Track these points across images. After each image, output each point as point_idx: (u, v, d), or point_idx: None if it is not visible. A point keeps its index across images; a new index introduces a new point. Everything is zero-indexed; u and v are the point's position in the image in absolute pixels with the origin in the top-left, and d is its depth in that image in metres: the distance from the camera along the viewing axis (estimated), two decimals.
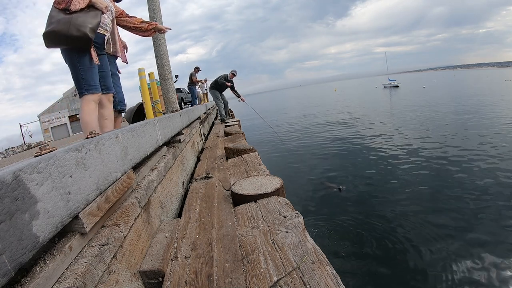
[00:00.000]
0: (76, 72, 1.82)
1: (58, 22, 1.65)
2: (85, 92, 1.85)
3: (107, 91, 2.11)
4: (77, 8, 1.70)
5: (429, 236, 3.46)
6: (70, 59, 1.81)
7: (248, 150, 3.00)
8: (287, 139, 11.23)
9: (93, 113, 1.90)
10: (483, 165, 5.77)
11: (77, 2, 1.71)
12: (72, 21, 1.67)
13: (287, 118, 19.66)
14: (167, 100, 3.77)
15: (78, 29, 1.68)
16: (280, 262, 1.04)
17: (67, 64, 1.85)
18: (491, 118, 10.86)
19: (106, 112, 2.14)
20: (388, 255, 3.19)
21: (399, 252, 3.21)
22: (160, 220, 1.65)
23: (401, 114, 15.01)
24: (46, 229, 0.73)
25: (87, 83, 1.83)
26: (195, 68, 10.20)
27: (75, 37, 1.68)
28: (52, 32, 1.64)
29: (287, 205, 1.50)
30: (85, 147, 1.00)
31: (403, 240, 3.42)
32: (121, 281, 1.02)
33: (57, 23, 1.65)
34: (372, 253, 3.26)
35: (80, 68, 1.81)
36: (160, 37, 3.53)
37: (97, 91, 1.90)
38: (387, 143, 8.67)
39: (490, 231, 3.41)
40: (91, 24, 1.74)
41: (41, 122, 22.31)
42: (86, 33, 1.71)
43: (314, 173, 6.59)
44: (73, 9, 1.69)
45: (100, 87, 1.94)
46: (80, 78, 1.82)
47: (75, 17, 1.69)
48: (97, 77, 1.91)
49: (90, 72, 1.84)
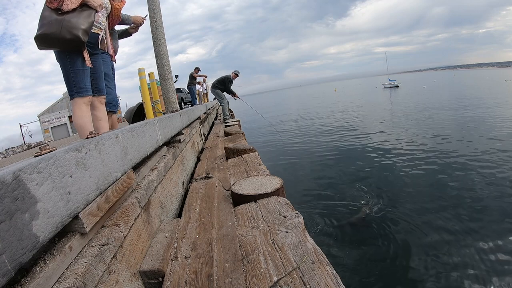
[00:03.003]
0: (67, 74, 1.78)
1: (49, 24, 1.59)
2: (76, 95, 1.82)
3: (98, 93, 2.08)
4: (70, 8, 1.63)
5: (430, 236, 3.46)
6: (61, 61, 1.77)
7: (248, 150, 3.00)
8: (287, 139, 11.23)
9: (86, 116, 1.87)
10: (487, 164, 5.77)
11: (69, 1, 1.64)
12: (64, 23, 1.61)
13: (287, 118, 19.66)
14: (167, 100, 3.76)
15: (70, 31, 1.62)
16: (280, 262, 1.04)
17: (59, 64, 1.81)
18: (492, 118, 10.86)
19: (99, 113, 2.10)
20: (389, 255, 3.19)
21: (399, 252, 3.21)
22: (160, 220, 1.65)
23: (401, 114, 15.00)
24: (46, 229, 0.73)
25: (77, 85, 1.80)
26: (195, 68, 10.31)
27: (67, 40, 1.63)
28: (44, 35, 1.59)
29: (287, 205, 1.50)
30: (85, 147, 1.00)
31: (403, 240, 3.42)
32: (121, 281, 1.02)
33: (48, 25, 1.59)
34: (372, 253, 3.26)
35: (71, 70, 1.77)
36: (160, 37, 3.53)
37: (87, 93, 1.87)
38: (387, 143, 8.66)
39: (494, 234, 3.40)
40: (83, 25, 1.68)
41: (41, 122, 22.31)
42: (79, 36, 1.65)
43: (314, 173, 6.59)
44: (65, 9, 1.62)
45: (91, 90, 1.90)
46: (70, 80, 1.78)
47: (67, 19, 1.63)
48: (88, 79, 1.87)
49: (81, 74, 1.80)
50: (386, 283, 2.79)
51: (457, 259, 2.98)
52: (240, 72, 7.50)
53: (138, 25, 2.56)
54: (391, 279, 2.84)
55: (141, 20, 2.54)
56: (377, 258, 3.16)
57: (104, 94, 2.15)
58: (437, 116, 12.97)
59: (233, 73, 7.44)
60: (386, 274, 2.90)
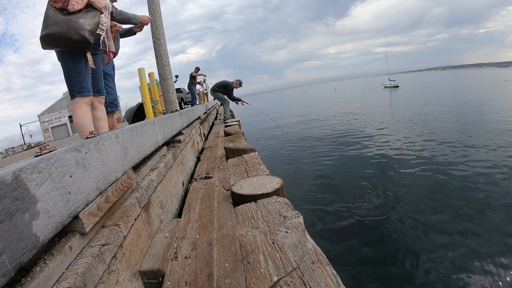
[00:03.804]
0: (69, 74, 1.78)
1: (56, 24, 1.59)
2: (77, 95, 1.82)
3: (98, 93, 2.09)
4: (76, 9, 1.64)
5: (430, 237, 3.46)
6: (63, 60, 1.77)
7: (248, 150, 3.00)
8: (287, 139, 11.23)
9: (86, 116, 1.88)
10: (488, 164, 5.77)
11: (75, 2, 1.64)
12: (71, 23, 1.61)
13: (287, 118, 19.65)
14: (167, 100, 3.76)
15: (77, 32, 1.63)
16: (280, 262, 1.04)
17: (60, 63, 1.81)
18: (492, 118, 10.86)
19: (99, 113, 2.11)
20: (389, 255, 3.19)
21: (400, 252, 3.21)
22: (160, 220, 1.65)
23: (401, 114, 15.01)
24: (46, 229, 0.73)
25: (79, 85, 1.81)
26: (196, 68, 10.37)
27: (74, 41, 1.64)
28: (50, 35, 1.59)
29: (287, 205, 1.50)
30: (85, 147, 1.00)
31: (403, 240, 3.42)
32: (121, 281, 1.02)
33: (55, 25, 1.59)
34: (372, 253, 3.26)
35: (73, 70, 1.77)
36: (160, 37, 3.53)
37: (89, 93, 1.88)
38: (387, 143, 8.66)
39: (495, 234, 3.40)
40: (89, 26, 1.69)
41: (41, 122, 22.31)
42: (86, 36, 1.66)
43: (314, 173, 6.59)
44: (71, 10, 1.62)
45: (92, 90, 1.91)
46: (72, 80, 1.79)
47: (74, 19, 1.63)
48: (90, 79, 1.88)
49: (83, 74, 1.81)
50: (386, 283, 2.79)
51: (457, 260, 2.98)
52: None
53: (144, 24, 2.56)
54: (391, 279, 2.84)
55: (148, 20, 2.54)
56: (377, 258, 3.16)
57: (103, 94, 2.15)
58: (437, 116, 12.97)
59: (236, 83, 7.13)
60: (386, 274, 2.90)
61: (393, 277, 2.86)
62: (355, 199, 4.80)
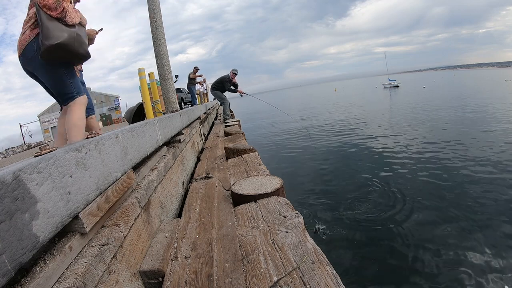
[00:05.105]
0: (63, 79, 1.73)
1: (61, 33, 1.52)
2: (77, 95, 1.83)
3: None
4: (74, 22, 1.62)
5: (431, 237, 3.45)
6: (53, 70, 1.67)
7: (248, 150, 3.00)
8: (287, 139, 11.23)
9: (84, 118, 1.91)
10: (489, 164, 5.77)
11: (73, 15, 1.62)
12: (76, 37, 1.61)
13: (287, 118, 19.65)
14: (167, 100, 3.76)
15: (82, 46, 1.64)
16: (280, 262, 1.04)
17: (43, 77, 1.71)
18: (492, 118, 10.86)
19: None
20: (389, 255, 3.19)
21: (400, 252, 3.21)
22: (160, 220, 1.65)
23: (401, 114, 15.00)
24: (46, 229, 0.73)
25: (76, 85, 1.82)
26: (194, 68, 10.37)
27: (80, 55, 1.65)
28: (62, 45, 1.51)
29: (287, 205, 1.50)
30: (85, 147, 1.00)
31: (403, 240, 3.42)
32: (121, 281, 1.02)
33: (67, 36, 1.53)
34: (372, 253, 3.26)
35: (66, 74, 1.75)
36: (160, 37, 3.53)
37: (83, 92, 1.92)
38: (387, 143, 8.66)
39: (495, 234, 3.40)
40: (86, 41, 1.72)
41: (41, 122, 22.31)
42: (88, 51, 1.69)
43: (314, 173, 6.59)
44: (70, 22, 1.59)
45: None
46: (68, 83, 1.77)
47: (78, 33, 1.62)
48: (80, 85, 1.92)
49: (75, 76, 1.84)
50: (386, 283, 2.79)
51: (457, 261, 2.98)
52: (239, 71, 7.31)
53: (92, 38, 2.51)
54: (391, 279, 2.84)
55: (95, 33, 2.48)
56: (377, 258, 3.15)
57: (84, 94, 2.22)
58: (437, 116, 12.97)
59: (232, 73, 7.10)
60: (386, 274, 2.90)
61: (393, 277, 2.86)
62: (356, 199, 4.80)
